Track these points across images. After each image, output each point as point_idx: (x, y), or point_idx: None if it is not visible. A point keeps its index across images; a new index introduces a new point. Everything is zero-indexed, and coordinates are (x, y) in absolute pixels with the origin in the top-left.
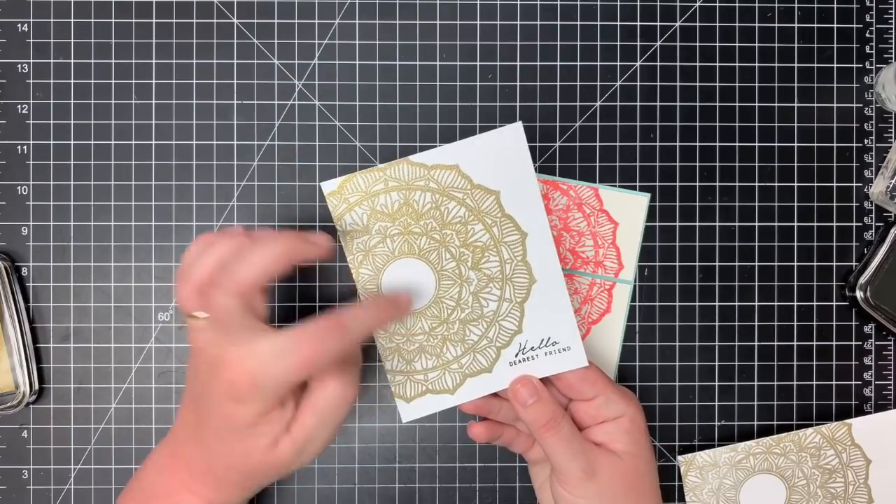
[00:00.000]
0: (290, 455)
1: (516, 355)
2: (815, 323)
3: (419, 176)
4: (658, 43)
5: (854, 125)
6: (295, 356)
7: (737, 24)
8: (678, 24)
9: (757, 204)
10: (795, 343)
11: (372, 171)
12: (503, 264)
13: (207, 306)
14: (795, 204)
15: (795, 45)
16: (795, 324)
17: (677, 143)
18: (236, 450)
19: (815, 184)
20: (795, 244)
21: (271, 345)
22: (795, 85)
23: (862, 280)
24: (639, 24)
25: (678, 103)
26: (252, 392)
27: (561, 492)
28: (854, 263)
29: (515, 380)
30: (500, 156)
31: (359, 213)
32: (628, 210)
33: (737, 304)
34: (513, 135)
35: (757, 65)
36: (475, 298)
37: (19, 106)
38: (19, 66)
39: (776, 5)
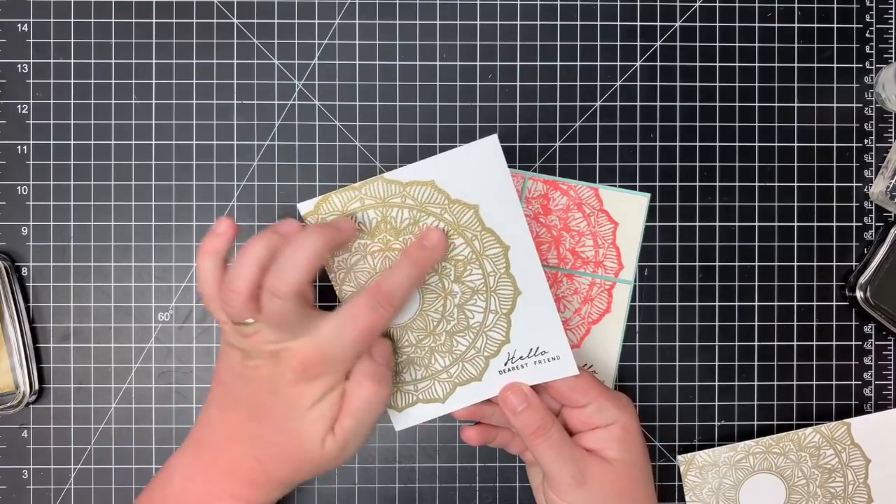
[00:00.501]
0: (334, 452)
1: (505, 364)
2: (815, 323)
3: (395, 193)
4: (658, 43)
5: (854, 125)
6: (354, 328)
7: (737, 24)
8: (678, 24)
9: (757, 204)
10: (795, 343)
11: (347, 190)
12: (486, 277)
13: (267, 313)
14: (795, 204)
15: (795, 45)
16: (795, 324)
17: (677, 143)
18: (292, 442)
19: (815, 184)
20: (795, 244)
21: (331, 325)
22: (795, 85)
23: (862, 280)
24: (639, 24)
25: (678, 103)
26: (323, 366)
27: (553, 498)
28: (854, 263)
29: (505, 387)
30: (476, 170)
31: None
32: (628, 210)
33: (737, 304)
34: (488, 148)
35: (757, 65)
36: (460, 310)
37: (19, 106)
38: (19, 66)
39: (776, 5)
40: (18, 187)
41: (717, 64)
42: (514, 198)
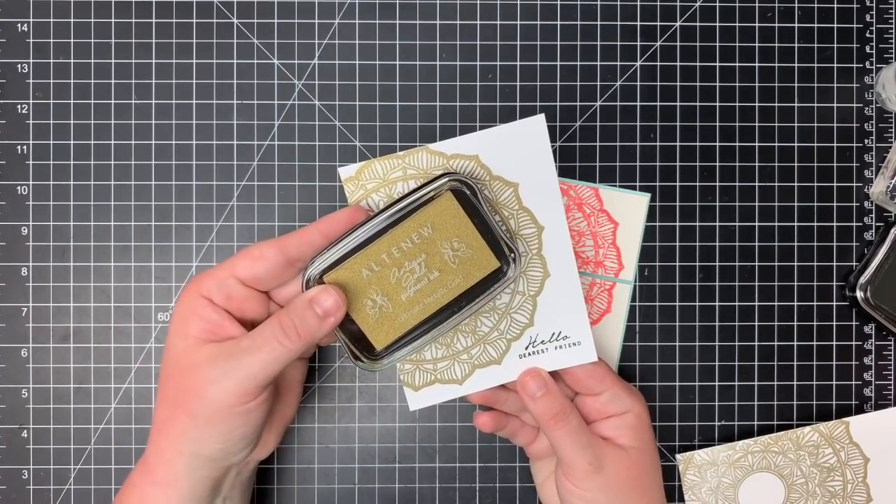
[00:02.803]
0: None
1: (526, 348)
2: (815, 323)
3: (438, 165)
4: (658, 43)
5: (854, 125)
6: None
7: (737, 24)
8: (678, 24)
9: (757, 204)
10: (795, 343)
11: (390, 157)
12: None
13: None
14: (795, 204)
15: (795, 45)
16: (795, 324)
17: (677, 143)
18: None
19: (815, 184)
20: (795, 244)
21: None
22: (795, 85)
23: (862, 280)
24: (639, 24)
25: (678, 103)
26: None
27: (567, 485)
28: (854, 263)
29: (524, 372)
30: (520, 148)
31: (375, 200)
32: (628, 210)
33: (737, 304)
34: (534, 127)
35: (757, 65)
36: None
37: (19, 106)
38: (19, 66)
39: (776, 5)
40: (18, 187)
41: (717, 64)
42: (553, 179)
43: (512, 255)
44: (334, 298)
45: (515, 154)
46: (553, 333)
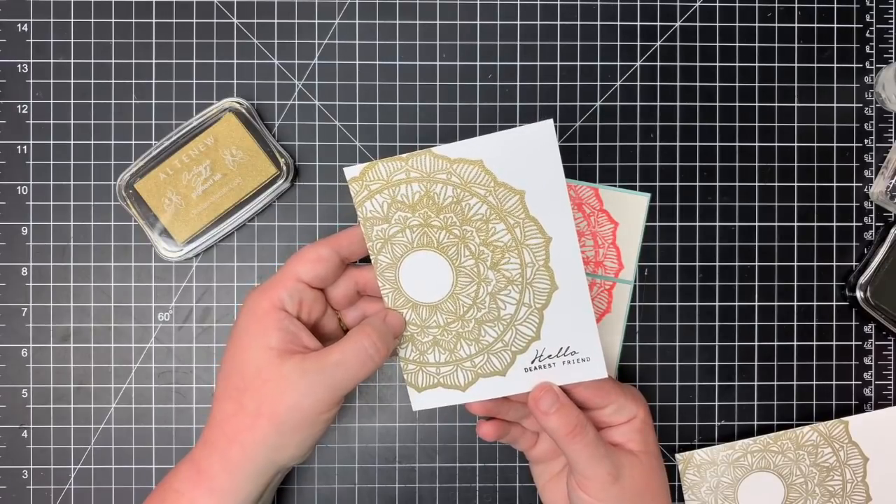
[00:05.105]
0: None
1: (532, 362)
2: (815, 323)
3: (441, 169)
4: (658, 43)
5: (854, 125)
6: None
7: (737, 24)
8: (678, 24)
9: (757, 204)
10: (795, 343)
11: (394, 159)
12: (524, 267)
13: None
14: (795, 204)
15: (795, 45)
16: (795, 324)
17: (677, 143)
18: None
19: (815, 184)
20: (795, 244)
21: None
22: (795, 85)
23: (862, 280)
24: (639, 24)
25: (678, 103)
26: None
27: (583, 496)
28: (854, 263)
29: (536, 387)
30: (527, 154)
31: (379, 202)
32: (628, 210)
33: (737, 304)
34: (542, 133)
35: (757, 65)
36: (492, 299)
37: (19, 106)
38: (19, 66)
39: (776, 5)
40: (18, 187)
41: (717, 64)
42: (562, 188)
43: (283, 159)
44: (400, 320)
45: (522, 160)
46: (561, 348)
